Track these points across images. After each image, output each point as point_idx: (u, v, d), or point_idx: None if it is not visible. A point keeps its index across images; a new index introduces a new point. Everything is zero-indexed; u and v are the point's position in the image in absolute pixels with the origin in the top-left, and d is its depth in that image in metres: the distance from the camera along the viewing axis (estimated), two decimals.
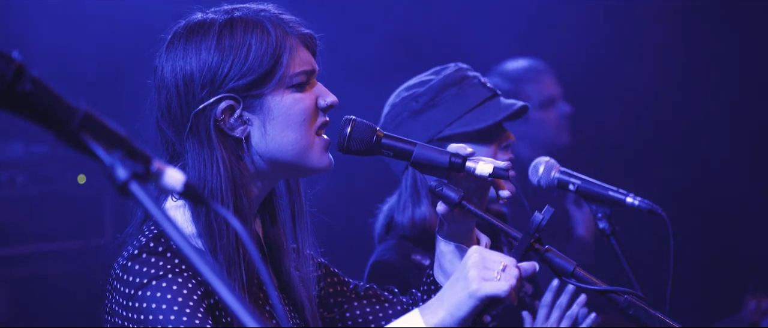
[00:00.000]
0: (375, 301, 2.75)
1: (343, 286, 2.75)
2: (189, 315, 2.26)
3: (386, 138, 2.48)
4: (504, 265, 2.30)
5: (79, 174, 5.89)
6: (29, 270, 5.73)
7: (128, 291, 2.29)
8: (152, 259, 2.30)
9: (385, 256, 3.42)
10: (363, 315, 2.73)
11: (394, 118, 3.41)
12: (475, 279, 2.27)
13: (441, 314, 2.30)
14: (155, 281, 2.28)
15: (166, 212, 1.57)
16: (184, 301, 2.27)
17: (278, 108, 2.40)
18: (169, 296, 2.27)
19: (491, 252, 2.33)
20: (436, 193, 2.46)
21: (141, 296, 2.27)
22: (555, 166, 3.17)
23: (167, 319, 2.25)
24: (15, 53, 1.52)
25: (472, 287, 2.27)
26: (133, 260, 2.31)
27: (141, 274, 2.29)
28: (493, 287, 2.27)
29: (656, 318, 2.39)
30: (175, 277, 2.29)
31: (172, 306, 2.26)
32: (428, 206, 3.39)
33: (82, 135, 1.55)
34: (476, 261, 2.30)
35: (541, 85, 5.45)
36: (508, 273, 2.29)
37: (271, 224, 2.56)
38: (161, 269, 2.29)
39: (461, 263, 2.33)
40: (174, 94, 2.39)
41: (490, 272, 2.29)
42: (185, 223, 2.39)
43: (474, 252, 2.32)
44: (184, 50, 2.40)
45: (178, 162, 2.42)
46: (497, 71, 5.58)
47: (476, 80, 3.42)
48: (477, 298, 2.27)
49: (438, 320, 2.30)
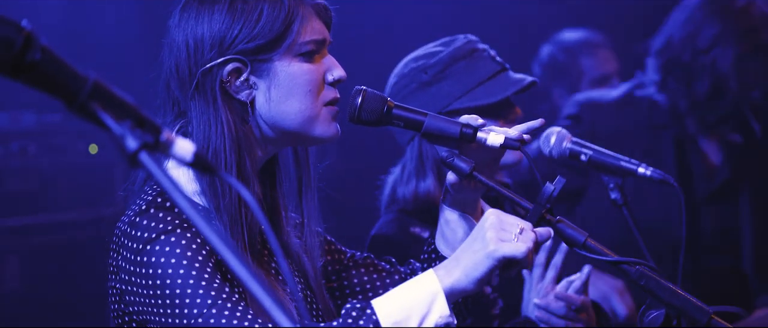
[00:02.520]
0: (372, 270, 2.75)
1: (340, 254, 2.75)
2: (198, 270, 2.26)
3: (397, 108, 2.48)
4: (521, 228, 2.31)
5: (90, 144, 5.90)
6: (41, 240, 5.75)
7: (136, 246, 2.29)
8: (160, 214, 2.30)
9: (384, 229, 3.41)
10: (361, 284, 2.73)
11: (401, 90, 3.39)
12: (493, 240, 2.28)
13: (457, 273, 2.30)
14: (164, 236, 2.28)
15: (173, 180, 1.58)
16: (192, 256, 2.27)
17: (284, 75, 2.41)
18: (177, 250, 2.27)
19: (508, 215, 2.33)
20: (447, 163, 2.46)
21: (149, 251, 2.28)
22: (567, 136, 3.15)
23: (176, 274, 2.25)
24: (24, 22, 1.52)
25: (490, 248, 2.27)
26: (141, 215, 2.31)
27: (149, 229, 2.29)
28: (510, 248, 2.27)
29: (668, 289, 2.39)
30: (184, 232, 2.29)
31: (180, 261, 2.26)
32: (433, 180, 3.36)
33: (92, 105, 1.55)
34: (494, 222, 2.30)
35: (596, 60, 5.21)
36: (525, 236, 2.30)
37: (270, 188, 2.56)
38: (170, 224, 2.29)
39: (478, 224, 2.34)
40: (184, 54, 2.41)
41: (507, 233, 2.29)
42: (188, 181, 2.39)
43: (491, 214, 2.32)
44: (197, 11, 2.42)
45: (183, 120, 2.43)
46: (553, 40, 5.42)
47: (486, 53, 3.39)
48: (495, 258, 2.28)
49: (453, 280, 2.30)
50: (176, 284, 2.25)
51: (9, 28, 1.50)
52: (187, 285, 2.24)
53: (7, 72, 1.51)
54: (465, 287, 2.31)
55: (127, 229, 2.32)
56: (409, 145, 3.41)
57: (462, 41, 3.40)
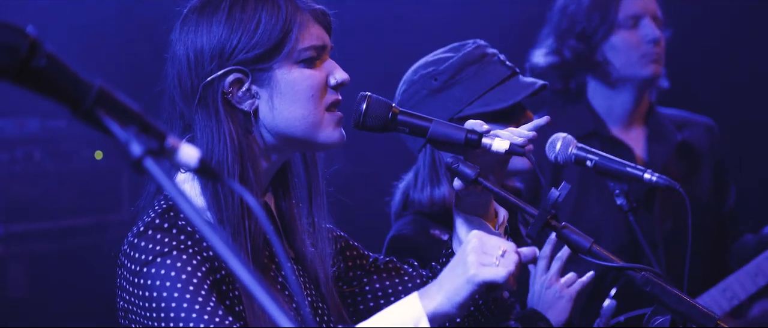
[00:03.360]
0: (394, 274, 2.74)
1: (363, 259, 2.75)
2: (193, 292, 2.27)
3: (402, 114, 2.48)
4: (503, 250, 2.30)
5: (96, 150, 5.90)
6: (46, 246, 5.75)
7: (134, 267, 2.31)
8: (158, 236, 2.32)
9: (404, 230, 3.41)
10: (383, 288, 2.73)
11: (412, 96, 3.38)
12: (474, 264, 2.27)
13: (439, 298, 2.31)
14: (160, 258, 2.29)
15: (179, 188, 1.58)
16: (188, 277, 2.28)
17: (286, 82, 2.41)
18: (173, 272, 2.28)
19: (491, 237, 2.32)
20: (452, 169, 2.45)
21: (146, 273, 2.29)
22: (572, 141, 3.15)
23: (171, 296, 2.27)
24: (30, 28, 1.52)
25: (470, 273, 2.27)
26: (139, 236, 2.33)
27: (146, 251, 2.31)
28: (491, 273, 2.27)
29: (673, 295, 2.38)
30: (180, 253, 2.30)
31: (176, 283, 2.28)
32: (447, 186, 3.35)
33: (97, 111, 1.55)
34: (475, 246, 2.30)
35: None
36: (508, 259, 2.29)
37: (283, 198, 2.56)
38: (166, 245, 2.31)
39: (461, 248, 2.34)
40: (185, 67, 2.42)
41: (489, 257, 2.29)
42: (195, 196, 2.41)
43: (473, 237, 2.32)
44: (196, 24, 2.43)
45: (190, 134, 2.44)
46: None
47: (495, 58, 3.38)
48: (475, 283, 2.28)
49: (436, 304, 2.31)
50: (171, 307, 2.27)
51: (14, 35, 1.50)
52: (181, 308, 2.26)
53: (13, 78, 1.51)
54: (448, 311, 2.31)
55: (127, 249, 2.35)
56: (421, 152, 3.41)
57: (471, 46, 3.39)
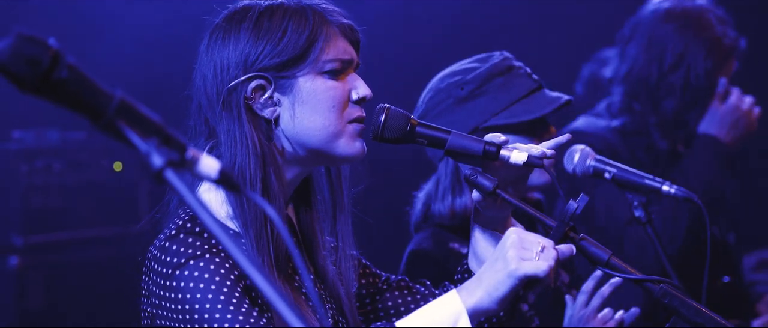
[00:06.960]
0: (406, 292, 2.74)
1: (375, 277, 2.75)
2: (226, 293, 2.27)
3: (420, 126, 2.48)
4: (542, 246, 2.30)
5: (115, 161, 5.93)
6: (65, 257, 5.77)
7: (165, 271, 2.31)
8: (189, 239, 2.32)
9: (423, 244, 3.40)
10: (395, 306, 2.73)
11: (437, 104, 3.38)
12: (514, 259, 2.28)
13: (479, 293, 2.30)
14: (192, 261, 2.29)
15: (200, 199, 1.58)
16: (221, 279, 2.28)
17: (308, 92, 2.42)
18: (206, 275, 2.28)
19: (529, 233, 2.33)
20: (470, 181, 2.45)
21: (179, 276, 2.29)
22: (591, 153, 3.15)
23: (204, 299, 2.26)
24: (51, 40, 1.53)
25: (511, 267, 2.27)
26: (170, 240, 2.33)
27: (178, 254, 2.31)
28: (532, 267, 2.27)
29: (692, 307, 2.37)
30: (213, 257, 2.30)
31: (209, 286, 2.27)
32: (469, 196, 3.33)
33: (118, 122, 1.56)
34: (515, 241, 2.30)
35: None
36: (547, 254, 2.30)
37: (305, 212, 2.57)
38: (198, 249, 2.31)
39: (500, 243, 2.33)
40: (211, 74, 2.44)
41: (528, 252, 2.29)
42: (220, 205, 2.41)
43: (512, 233, 2.32)
44: (224, 33, 2.45)
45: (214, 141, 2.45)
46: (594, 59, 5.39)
47: (522, 70, 3.38)
48: (516, 277, 2.27)
49: (476, 300, 2.30)
50: (205, 308, 2.26)
51: (36, 47, 1.51)
52: (215, 309, 2.26)
53: (35, 90, 1.52)
54: (488, 306, 2.31)
55: (157, 253, 2.34)
56: (442, 161, 3.41)
57: (499, 58, 3.39)
